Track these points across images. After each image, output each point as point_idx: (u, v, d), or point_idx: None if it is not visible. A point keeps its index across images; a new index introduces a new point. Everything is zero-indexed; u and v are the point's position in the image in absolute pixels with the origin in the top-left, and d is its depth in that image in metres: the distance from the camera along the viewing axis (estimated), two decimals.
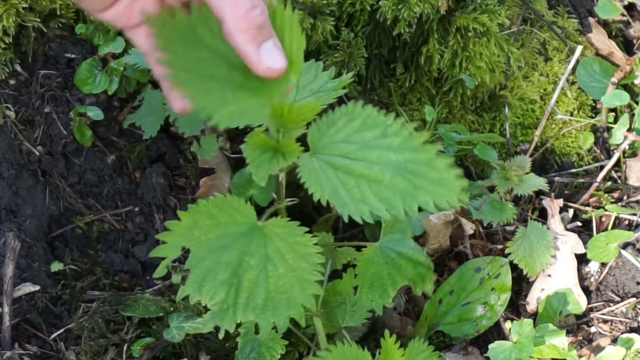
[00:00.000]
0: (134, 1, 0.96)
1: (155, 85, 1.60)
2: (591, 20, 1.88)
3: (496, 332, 1.52)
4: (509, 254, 1.53)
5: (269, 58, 0.85)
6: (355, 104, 1.01)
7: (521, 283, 1.60)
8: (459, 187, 0.98)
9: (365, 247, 1.25)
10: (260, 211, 1.08)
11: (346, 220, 0.97)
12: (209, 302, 1.01)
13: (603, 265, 1.60)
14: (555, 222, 1.62)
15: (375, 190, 0.98)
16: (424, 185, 0.98)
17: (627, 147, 1.73)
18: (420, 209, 0.97)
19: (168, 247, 1.03)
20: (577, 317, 1.55)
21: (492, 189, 1.57)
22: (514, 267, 1.53)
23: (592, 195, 1.72)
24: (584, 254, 1.59)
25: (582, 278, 1.59)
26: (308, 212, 1.66)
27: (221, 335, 1.01)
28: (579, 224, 1.66)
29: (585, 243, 1.59)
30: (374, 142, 1.00)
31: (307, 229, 1.04)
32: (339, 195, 0.97)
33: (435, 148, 0.99)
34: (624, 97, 1.74)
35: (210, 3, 0.85)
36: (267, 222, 1.05)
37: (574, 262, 1.58)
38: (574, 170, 1.80)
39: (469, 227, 1.59)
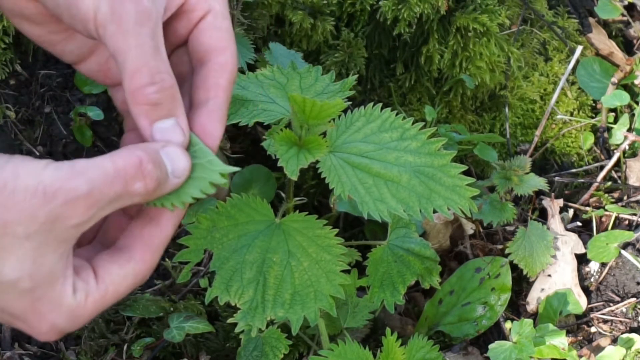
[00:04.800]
0: (110, 59, 0.88)
1: None
2: (591, 20, 1.88)
3: (496, 332, 1.52)
4: (509, 254, 1.53)
5: (161, 136, 0.80)
6: (374, 106, 1.03)
7: (521, 283, 1.60)
8: (470, 195, 1.00)
9: (370, 246, 1.25)
10: None
11: (366, 217, 0.98)
12: (238, 302, 1.02)
13: (603, 265, 1.61)
14: (555, 222, 1.62)
15: (393, 190, 0.99)
16: (439, 190, 1.00)
17: (627, 147, 1.73)
18: (433, 212, 0.99)
19: (191, 251, 1.04)
20: (577, 317, 1.55)
21: (492, 189, 1.57)
22: (514, 267, 1.53)
23: (592, 195, 1.72)
24: (584, 254, 1.59)
25: (582, 278, 1.59)
26: (308, 213, 1.66)
27: (254, 333, 1.03)
28: (579, 224, 1.66)
29: (585, 243, 1.59)
30: (392, 144, 1.02)
31: (326, 222, 1.05)
32: (359, 193, 0.99)
33: (450, 155, 1.01)
34: (624, 97, 1.75)
35: (118, 65, 0.80)
36: (285, 219, 1.07)
37: (574, 262, 1.58)
38: (574, 170, 1.80)
39: (469, 227, 1.59)
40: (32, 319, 0.76)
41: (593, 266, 1.61)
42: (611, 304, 1.57)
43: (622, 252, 1.58)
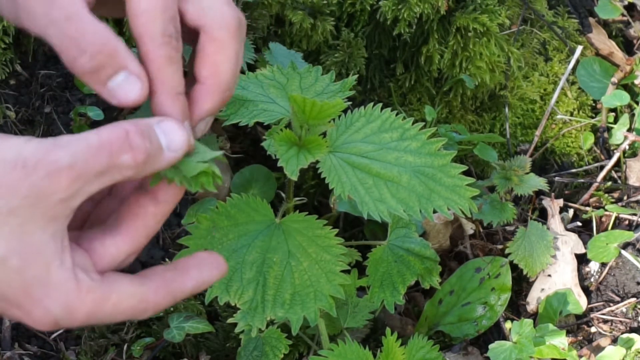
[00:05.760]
0: None
1: None
2: (591, 20, 1.88)
3: (496, 332, 1.52)
4: (509, 254, 1.53)
5: (118, 93, 0.78)
6: (374, 106, 1.03)
7: (521, 283, 1.60)
8: (470, 195, 1.00)
9: (370, 246, 1.25)
10: None
11: (366, 217, 0.98)
12: (238, 302, 1.03)
13: (603, 265, 1.61)
14: (555, 222, 1.62)
15: (393, 190, 1.00)
16: (439, 190, 1.00)
17: (627, 147, 1.73)
18: (433, 212, 0.99)
19: (191, 251, 1.04)
20: (577, 317, 1.55)
21: (492, 189, 1.57)
22: (514, 267, 1.53)
23: (592, 195, 1.72)
24: (584, 254, 1.59)
25: (582, 278, 1.59)
26: (308, 213, 1.66)
27: (254, 333, 1.03)
28: (579, 224, 1.66)
29: (585, 243, 1.59)
30: (392, 144, 1.02)
31: (326, 222, 1.05)
32: (359, 193, 0.99)
33: (450, 155, 1.01)
34: (624, 97, 1.75)
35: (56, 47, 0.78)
36: (285, 219, 1.07)
37: (574, 262, 1.58)
38: (574, 170, 1.80)
39: (469, 227, 1.59)
40: (25, 303, 0.73)
41: (593, 266, 1.61)
42: (611, 304, 1.57)
43: (622, 252, 1.58)
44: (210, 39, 0.82)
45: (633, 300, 1.56)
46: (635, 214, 1.66)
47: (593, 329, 1.54)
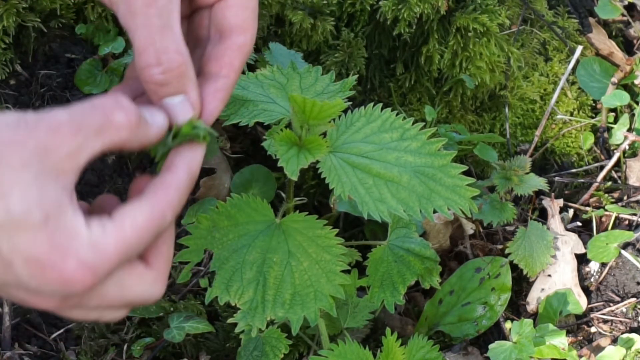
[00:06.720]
0: None
1: None
2: (591, 20, 1.88)
3: (496, 332, 1.52)
4: (509, 254, 1.53)
5: (170, 112, 0.82)
6: (374, 107, 1.03)
7: (521, 283, 1.60)
8: (470, 195, 1.00)
9: (370, 246, 1.25)
10: None
11: (366, 217, 0.99)
12: (238, 302, 1.03)
13: (603, 265, 1.61)
14: (555, 222, 1.62)
15: (393, 190, 1.00)
16: (439, 190, 1.00)
17: (627, 147, 1.73)
18: (434, 212, 0.99)
19: (191, 251, 1.04)
20: (577, 317, 1.55)
21: (492, 189, 1.57)
22: (514, 267, 1.53)
23: (592, 195, 1.72)
24: (584, 254, 1.59)
25: (582, 278, 1.60)
26: (308, 213, 1.66)
27: (254, 333, 1.03)
28: (579, 224, 1.66)
29: (585, 243, 1.59)
30: (392, 144, 1.02)
31: (326, 222, 1.05)
32: (359, 193, 0.99)
33: (450, 155, 1.01)
34: (624, 97, 1.75)
35: (132, 41, 0.83)
36: (285, 219, 1.07)
37: (574, 262, 1.59)
38: (574, 170, 1.80)
39: (469, 227, 1.59)
40: (55, 257, 0.73)
41: (593, 266, 1.61)
42: (611, 304, 1.57)
43: (622, 252, 1.58)
44: (236, 44, 0.87)
45: (633, 300, 1.56)
46: (635, 214, 1.66)
47: (593, 329, 1.54)
